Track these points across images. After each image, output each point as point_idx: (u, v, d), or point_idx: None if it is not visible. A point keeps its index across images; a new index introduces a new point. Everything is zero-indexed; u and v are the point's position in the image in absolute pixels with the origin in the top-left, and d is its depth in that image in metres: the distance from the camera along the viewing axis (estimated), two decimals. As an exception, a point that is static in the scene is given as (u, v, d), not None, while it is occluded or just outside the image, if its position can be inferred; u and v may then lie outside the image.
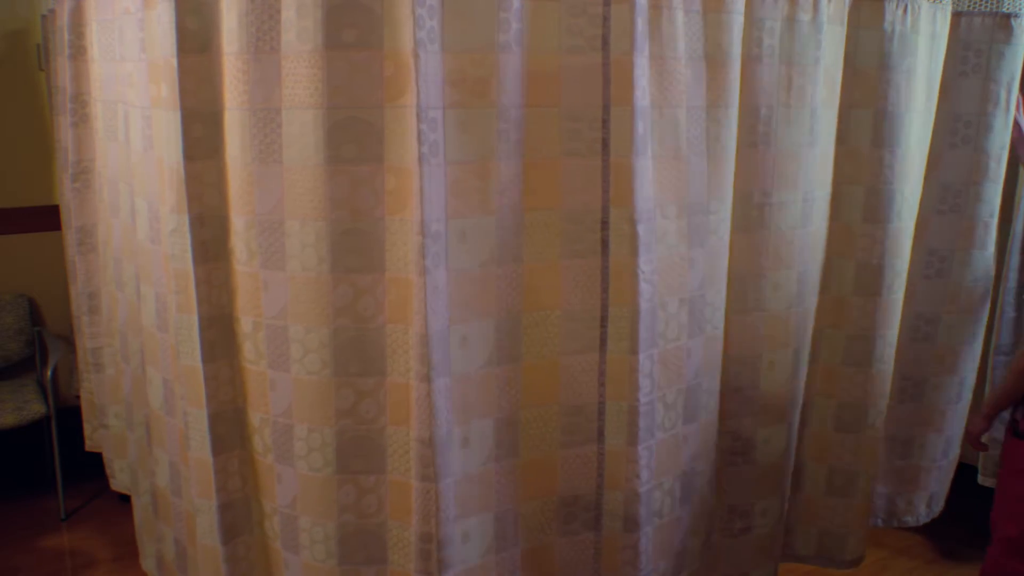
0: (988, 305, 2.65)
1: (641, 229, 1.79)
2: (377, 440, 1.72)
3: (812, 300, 2.25)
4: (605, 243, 1.81)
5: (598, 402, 1.88)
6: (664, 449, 1.96)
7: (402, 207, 1.62)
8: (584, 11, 1.72)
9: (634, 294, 1.81)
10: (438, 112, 1.60)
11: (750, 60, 1.96)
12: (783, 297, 2.14)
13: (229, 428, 1.81)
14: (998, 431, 2.90)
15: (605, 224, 1.81)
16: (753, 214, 2.06)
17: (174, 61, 1.65)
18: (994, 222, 2.59)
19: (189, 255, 1.72)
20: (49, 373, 3.28)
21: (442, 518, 1.70)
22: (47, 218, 3.48)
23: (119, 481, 2.81)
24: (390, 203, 1.63)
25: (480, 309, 1.73)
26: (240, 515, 1.87)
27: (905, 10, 2.14)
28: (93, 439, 3.09)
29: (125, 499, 3.16)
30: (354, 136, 1.59)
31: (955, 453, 2.83)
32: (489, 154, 1.69)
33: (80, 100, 2.52)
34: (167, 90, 1.70)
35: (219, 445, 1.80)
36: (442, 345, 1.66)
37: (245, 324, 1.74)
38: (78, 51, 2.46)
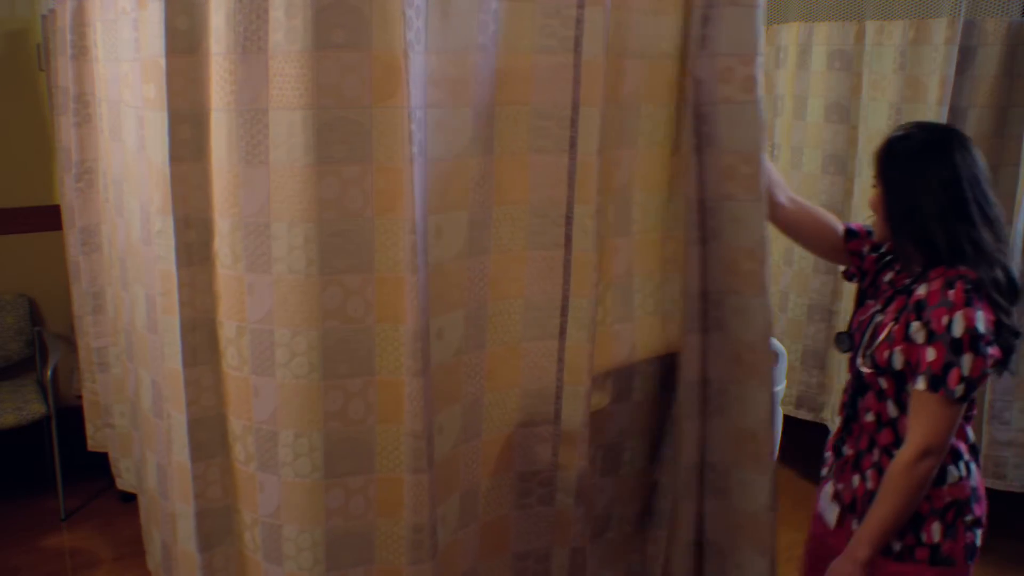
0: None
1: (600, 224, 1.86)
2: (366, 440, 1.71)
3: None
4: (568, 237, 1.86)
5: (556, 386, 1.93)
6: (594, 425, 2.03)
7: (391, 207, 1.62)
8: (558, 12, 1.74)
9: (593, 286, 1.86)
10: (422, 112, 1.61)
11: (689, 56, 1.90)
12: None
13: (210, 435, 1.80)
14: (1001, 432, 2.92)
15: (569, 219, 1.85)
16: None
17: (162, 61, 1.64)
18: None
19: (173, 257, 1.72)
20: (49, 373, 3.28)
21: (430, 506, 1.72)
22: (47, 218, 3.49)
23: (125, 480, 2.81)
24: (379, 203, 1.62)
25: (453, 301, 1.77)
26: (220, 525, 1.85)
27: None
28: (96, 439, 3.10)
29: (125, 499, 3.17)
30: (343, 136, 1.58)
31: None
32: (464, 151, 1.71)
33: (83, 100, 2.52)
34: (155, 91, 1.69)
35: (198, 451, 1.79)
36: (427, 339, 1.68)
37: (228, 329, 1.72)
38: (80, 51, 2.46)
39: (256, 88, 1.58)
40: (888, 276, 1.86)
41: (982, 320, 1.60)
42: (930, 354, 1.62)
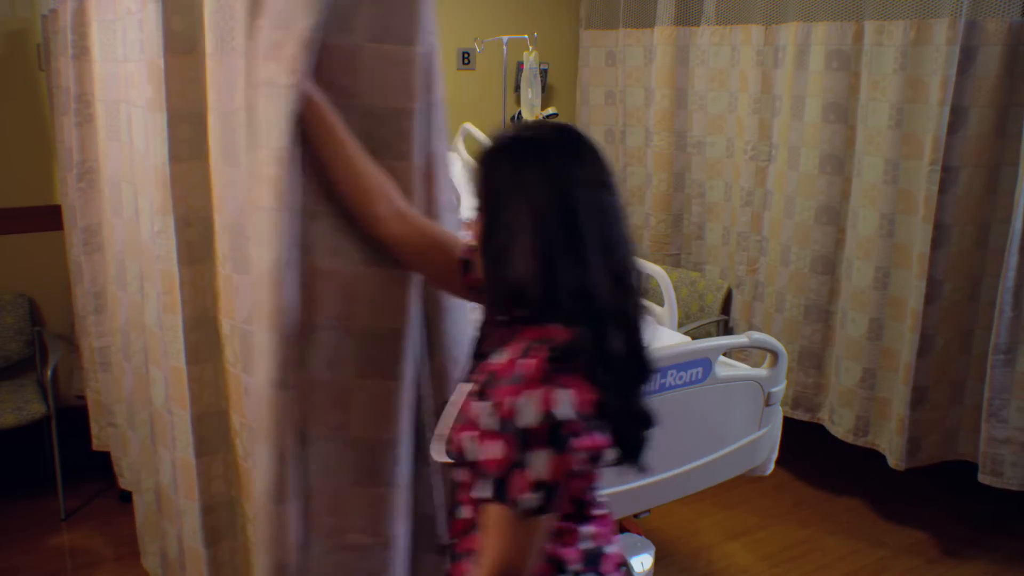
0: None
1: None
2: None
3: None
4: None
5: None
6: None
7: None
8: None
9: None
10: None
11: None
12: None
13: (213, 431, 1.82)
14: (998, 430, 2.93)
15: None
16: None
17: (160, 62, 1.66)
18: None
19: (174, 256, 1.73)
20: (49, 373, 3.27)
21: None
22: (47, 218, 3.49)
23: (127, 479, 2.81)
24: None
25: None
26: (224, 519, 1.87)
27: None
28: (100, 438, 3.09)
29: (125, 498, 3.17)
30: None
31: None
32: None
33: (84, 100, 2.52)
34: (154, 91, 1.70)
35: (202, 447, 1.81)
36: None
37: (225, 327, 1.74)
38: (81, 51, 2.46)
39: (232, 89, 1.57)
40: None
41: (567, 402, 1.13)
42: (495, 449, 1.15)
